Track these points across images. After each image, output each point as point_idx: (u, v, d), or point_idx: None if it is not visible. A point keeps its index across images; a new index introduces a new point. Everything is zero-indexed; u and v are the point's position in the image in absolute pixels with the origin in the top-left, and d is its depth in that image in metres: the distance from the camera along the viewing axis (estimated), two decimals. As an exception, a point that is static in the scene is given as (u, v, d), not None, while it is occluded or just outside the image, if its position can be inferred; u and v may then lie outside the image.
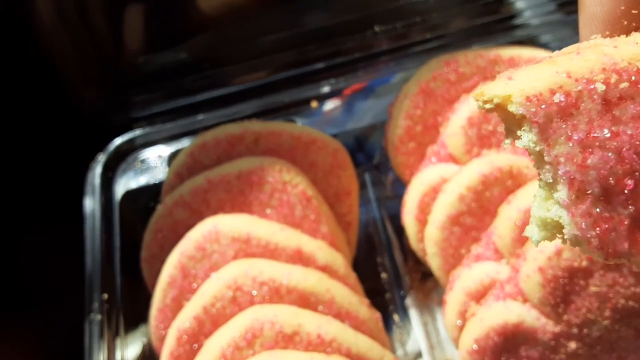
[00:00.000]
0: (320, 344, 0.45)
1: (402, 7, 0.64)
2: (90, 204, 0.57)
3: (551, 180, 0.21)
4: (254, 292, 0.47)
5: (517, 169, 0.47)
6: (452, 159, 0.51)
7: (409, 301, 0.56)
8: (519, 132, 0.21)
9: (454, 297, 0.49)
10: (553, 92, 0.20)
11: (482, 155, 0.49)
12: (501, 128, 0.45)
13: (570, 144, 0.20)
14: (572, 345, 0.44)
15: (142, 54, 0.65)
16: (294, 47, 0.69)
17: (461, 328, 0.48)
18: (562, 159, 0.20)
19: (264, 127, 0.54)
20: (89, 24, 0.58)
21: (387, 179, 0.61)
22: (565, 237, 0.21)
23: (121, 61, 0.62)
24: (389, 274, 0.56)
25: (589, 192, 0.20)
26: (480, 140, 0.50)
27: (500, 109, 0.21)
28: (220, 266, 0.50)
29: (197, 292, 0.49)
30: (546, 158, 0.20)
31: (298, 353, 0.44)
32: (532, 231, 0.22)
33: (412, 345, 0.55)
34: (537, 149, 0.21)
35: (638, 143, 0.20)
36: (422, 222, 0.52)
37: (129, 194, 0.59)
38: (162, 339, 0.51)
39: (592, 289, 0.43)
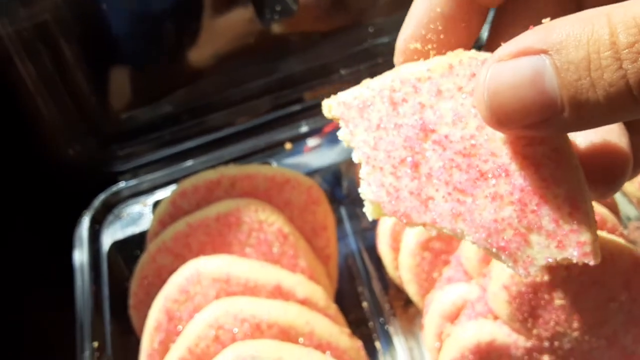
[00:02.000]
0: (301, 376, 0.47)
1: (366, 50, 0.68)
2: (79, 256, 0.59)
3: (358, 161, 0.29)
4: (235, 330, 0.49)
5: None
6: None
7: (392, 328, 0.58)
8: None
9: (430, 319, 0.50)
10: (354, 99, 0.29)
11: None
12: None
13: (366, 133, 0.28)
14: (546, 358, 0.45)
15: (124, 110, 0.69)
16: (268, 94, 0.72)
17: (439, 349, 0.49)
18: (361, 144, 0.28)
19: (240, 171, 0.57)
20: (70, 84, 0.61)
21: (362, 211, 0.63)
22: (366, 205, 0.29)
23: (104, 118, 0.65)
24: (369, 303, 0.57)
25: (380, 167, 0.28)
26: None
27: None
28: (203, 307, 0.51)
29: (181, 334, 0.51)
30: (351, 144, 0.29)
31: (280, 386, 0.46)
32: (367, 209, 0.30)
33: (398, 372, 0.56)
34: (348, 138, 0.29)
35: (414, 131, 0.27)
36: (396, 250, 0.54)
37: (117, 245, 0.62)
38: (151, 383, 0.52)
39: (558, 302, 0.44)
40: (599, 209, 0.47)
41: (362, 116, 0.28)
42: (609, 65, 0.18)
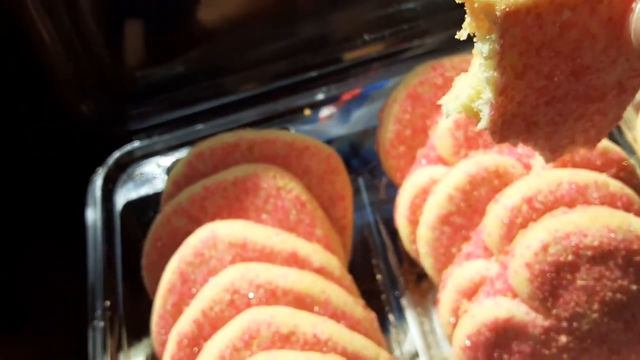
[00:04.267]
0: (316, 344, 0.46)
1: (390, 15, 0.65)
2: (92, 215, 0.59)
3: (491, 89, 0.25)
4: (251, 295, 0.49)
5: (503, 169, 0.49)
6: (441, 160, 0.53)
7: (404, 302, 0.58)
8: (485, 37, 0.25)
9: (447, 295, 0.50)
10: (528, 13, 0.23)
11: (469, 156, 0.51)
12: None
13: (517, 57, 0.24)
14: (563, 339, 0.45)
15: (139, 68, 0.67)
16: (288, 57, 0.71)
17: (454, 325, 0.49)
18: (509, 71, 0.25)
19: (258, 135, 0.56)
20: (85, 39, 0.60)
21: (380, 183, 0.62)
22: (478, 125, 0.26)
23: (119, 76, 0.64)
24: (383, 275, 0.57)
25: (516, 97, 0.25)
26: (467, 141, 0.51)
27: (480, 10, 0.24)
28: (219, 271, 0.51)
29: (196, 297, 0.50)
30: (498, 72, 0.25)
31: (294, 352, 0.45)
32: (452, 107, 0.27)
33: (409, 345, 0.56)
34: (495, 46, 0.24)
35: (566, 68, 0.25)
36: (414, 223, 0.54)
37: (130, 205, 0.61)
38: (163, 344, 0.52)
39: (579, 282, 0.44)
40: (626, 190, 0.47)
41: (525, 39, 0.25)
42: None
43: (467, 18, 0.25)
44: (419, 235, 0.53)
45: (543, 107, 0.26)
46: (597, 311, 0.44)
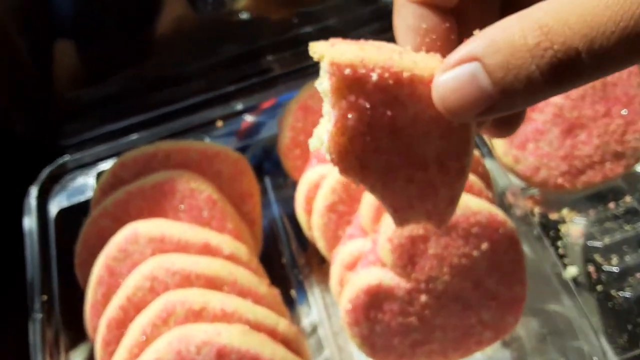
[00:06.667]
0: (224, 317, 0.55)
1: (290, 38, 0.76)
2: (28, 222, 0.66)
3: (328, 120, 0.27)
4: (168, 281, 0.57)
5: (373, 164, 0.60)
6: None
7: (310, 281, 0.67)
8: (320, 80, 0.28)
9: (335, 269, 0.60)
10: (347, 67, 0.26)
11: (347, 154, 0.61)
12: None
13: (345, 103, 0.27)
14: (423, 298, 0.56)
15: (69, 88, 0.75)
16: (206, 75, 0.80)
17: (341, 293, 0.59)
18: (337, 110, 0.27)
19: (174, 145, 0.65)
20: (16, 61, 0.67)
21: (284, 182, 0.72)
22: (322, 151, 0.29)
23: (49, 96, 0.71)
24: (288, 260, 0.67)
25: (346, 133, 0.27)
26: (347, 143, 0.62)
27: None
28: (141, 263, 0.59)
29: (121, 287, 0.59)
30: (330, 106, 0.27)
31: (205, 324, 0.54)
32: (314, 143, 0.29)
33: (313, 317, 0.66)
34: (328, 95, 0.27)
35: (385, 124, 0.27)
36: (310, 213, 0.64)
37: (63, 212, 0.68)
38: (95, 329, 0.60)
39: (431, 251, 0.55)
40: (469, 176, 0.58)
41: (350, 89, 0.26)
42: (523, 63, 0.23)
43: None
44: (312, 223, 0.63)
45: (370, 153, 0.27)
46: (447, 274, 0.55)
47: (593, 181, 0.66)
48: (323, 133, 0.28)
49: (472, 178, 0.58)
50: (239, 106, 0.78)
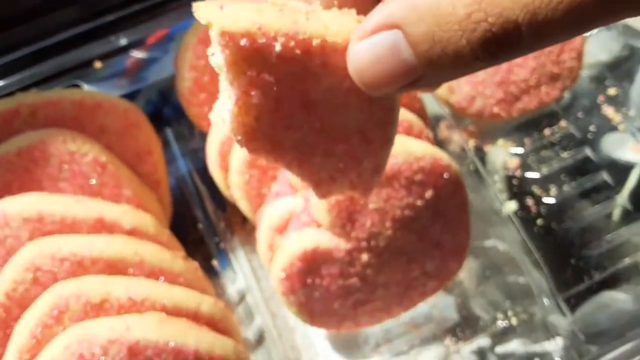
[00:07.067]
0: (132, 306, 0.46)
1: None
2: None
3: (229, 97, 0.24)
4: (56, 270, 0.46)
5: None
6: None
7: (232, 244, 0.59)
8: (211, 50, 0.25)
9: (262, 233, 0.52)
10: (242, 36, 0.23)
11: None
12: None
13: (245, 78, 0.24)
14: (364, 257, 0.49)
15: None
16: (75, 1, 0.64)
17: (271, 259, 0.51)
18: (237, 87, 0.24)
19: (40, 97, 0.51)
20: None
21: (190, 131, 0.61)
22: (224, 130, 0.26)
23: None
24: (203, 224, 0.57)
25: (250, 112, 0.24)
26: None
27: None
28: (17, 250, 0.47)
29: (-5, 282, 0.47)
30: (228, 82, 0.24)
31: (109, 318, 0.45)
32: (215, 120, 0.27)
33: (240, 283, 0.58)
34: (224, 70, 0.24)
35: (295, 99, 0.25)
36: (226, 169, 0.54)
37: None
38: (-31, 336, 0.48)
39: (371, 206, 0.48)
40: (407, 116, 0.51)
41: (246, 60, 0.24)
42: (451, 36, 0.20)
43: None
44: (231, 181, 0.53)
45: (282, 131, 0.25)
46: (390, 228, 0.49)
47: (529, 107, 0.62)
48: (224, 111, 0.25)
49: (411, 117, 0.51)
50: (122, 40, 0.63)
